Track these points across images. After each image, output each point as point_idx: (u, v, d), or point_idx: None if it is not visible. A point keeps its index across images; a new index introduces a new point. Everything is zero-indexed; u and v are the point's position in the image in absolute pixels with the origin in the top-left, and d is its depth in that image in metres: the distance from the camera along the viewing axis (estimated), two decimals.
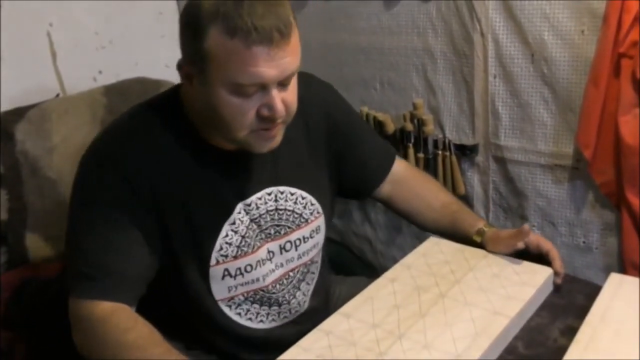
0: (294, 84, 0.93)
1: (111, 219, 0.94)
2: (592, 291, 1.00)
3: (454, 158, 1.70)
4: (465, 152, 1.69)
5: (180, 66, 0.93)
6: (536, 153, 1.57)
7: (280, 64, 0.86)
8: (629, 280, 1.01)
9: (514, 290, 1.00)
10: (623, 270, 1.47)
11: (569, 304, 1.02)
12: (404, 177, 1.24)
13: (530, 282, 1.01)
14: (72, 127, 1.05)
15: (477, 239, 1.13)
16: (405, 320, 0.95)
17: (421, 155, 1.75)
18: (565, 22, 1.42)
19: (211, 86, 0.89)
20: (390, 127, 1.79)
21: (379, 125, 1.80)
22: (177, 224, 0.98)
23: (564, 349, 0.87)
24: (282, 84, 0.90)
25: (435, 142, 1.73)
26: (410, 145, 1.75)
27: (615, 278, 1.01)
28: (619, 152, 1.36)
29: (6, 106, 1.37)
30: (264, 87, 0.88)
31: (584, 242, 1.56)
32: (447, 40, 1.65)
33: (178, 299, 1.05)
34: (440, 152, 1.72)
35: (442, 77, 1.69)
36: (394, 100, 1.83)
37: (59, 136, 1.26)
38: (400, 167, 1.25)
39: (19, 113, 1.30)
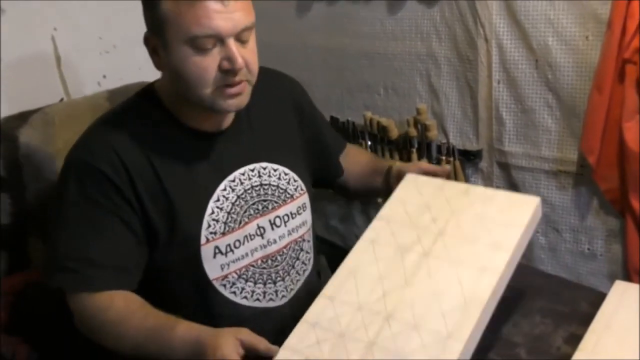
0: (252, 44, 0.98)
1: (90, 213, 0.98)
2: (597, 298, 1.00)
3: (457, 163, 1.69)
4: (469, 157, 1.69)
5: (146, 39, 0.99)
6: (540, 159, 1.56)
7: (233, 17, 0.92)
8: (634, 288, 1.00)
9: (499, 234, 0.93)
10: (628, 277, 1.46)
11: (572, 311, 1.01)
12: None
13: (516, 221, 0.94)
14: (75, 132, 1.05)
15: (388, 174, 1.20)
16: (390, 294, 0.90)
17: (425, 160, 1.74)
18: (570, 28, 1.41)
19: (172, 47, 0.94)
20: (394, 133, 1.79)
21: (383, 130, 1.80)
22: (162, 212, 1.01)
23: (567, 357, 0.86)
24: (240, 40, 0.95)
25: (439, 147, 1.73)
26: (414, 150, 1.75)
27: (620, 285, 1.01)
28: (623, 158, 1.35)
29: (11, 110, 1.38)
30: (221, 41, 0.93)
31: (588, 249, 1.56)
32: (451, 46, 1.65)
33: (173, 290, 1.06)
34: (444, 157, 1.71)
35: (446, 83, 1.69)
36: (397, 105, 1.82)
37: (62, 141, 1.26)
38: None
39: (22, 117, 1.30)
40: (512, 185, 1.64)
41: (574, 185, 1.53)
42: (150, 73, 1.57)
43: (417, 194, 1.04)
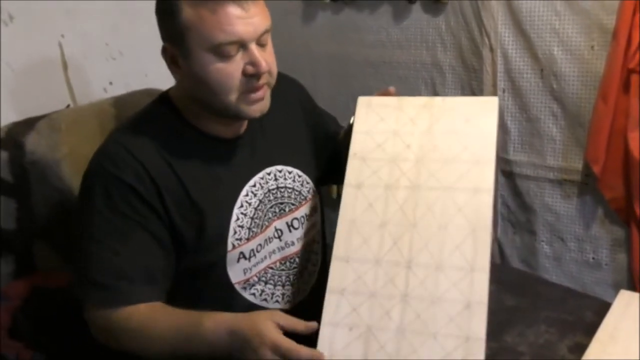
0: (270, 47, 0.99)
1: (119, 226, 0.96)
2: (601, 308, 1.00)
3: None
4: None
5: (164, 49, 0.98)
6: (545, 168, 1.56)
7: (253, 22, 0.92)
8: (639, 298, 1.00)
9: (475, 147, 0.94)
10: (632, 286, 1.46)
11: (577, 320, 1.01)
12: None
13: (485, 128, 0.95)
14: (81, 138, 1.06)
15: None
16: (400, 241, 0.90)
17: None
18: (575, 38, 1.42)
19: (194, 56, 0.93)
20: None
21: None
22: (189, 220, 1.00)
23: None
24: (260, 44, 0.95)
25: None
26: None
27: (624, 295, 1.01)
28: (628, 167, 1.35)
29: (17, 116, 1.38)
30: (243, 47, 0.93)
31: (593, 258, 1.55)
32: (456, 55, 1.65)
33: (192, 294, 1.05)
34: None
35: (451, 91, 1.69)
36: None
37: (68, 147, 1.27)
38: None
39: (29, 123, 1.31)
40: (517, 194, 1.64)
41: (579, 194, 1.53)
42: (156, 80, 1.59)
43: (378, 120, 1.02)
